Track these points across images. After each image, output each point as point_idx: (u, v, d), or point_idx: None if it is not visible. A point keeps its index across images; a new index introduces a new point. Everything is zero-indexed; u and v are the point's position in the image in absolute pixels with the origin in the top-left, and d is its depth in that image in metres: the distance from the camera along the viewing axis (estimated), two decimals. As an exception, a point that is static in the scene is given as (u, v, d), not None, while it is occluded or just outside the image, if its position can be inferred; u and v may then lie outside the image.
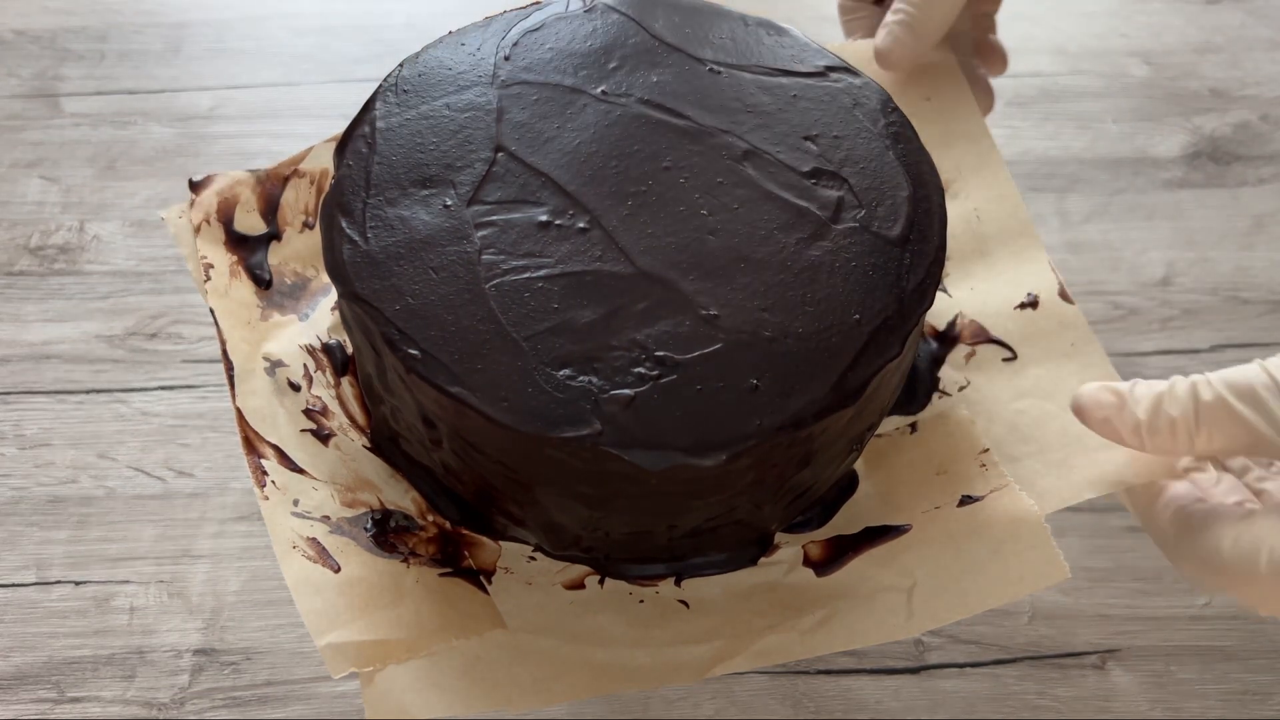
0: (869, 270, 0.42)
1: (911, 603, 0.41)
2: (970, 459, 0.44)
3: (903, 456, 0.46)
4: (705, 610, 0.43)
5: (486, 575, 0.43)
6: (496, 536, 0.45)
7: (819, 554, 0.44)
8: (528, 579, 0.43)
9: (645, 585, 0.44)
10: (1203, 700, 0.51)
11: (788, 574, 0.44)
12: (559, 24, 0.48)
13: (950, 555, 0.41)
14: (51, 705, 0.50)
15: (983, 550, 0.41)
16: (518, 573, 0.44)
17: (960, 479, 0.44)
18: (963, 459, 0.45)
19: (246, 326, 0.46)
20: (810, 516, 0.45)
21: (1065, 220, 0.67)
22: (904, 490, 0.45)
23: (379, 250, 0.41)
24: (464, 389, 0.39)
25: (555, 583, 0.43)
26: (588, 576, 0.44)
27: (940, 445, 0.45)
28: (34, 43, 0.75)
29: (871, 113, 0.46)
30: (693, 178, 0.43)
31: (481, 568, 0.43)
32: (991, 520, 0.42)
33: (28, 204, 0.67)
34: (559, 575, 0.44)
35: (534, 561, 0.44)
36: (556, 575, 0.44)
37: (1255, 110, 0.73)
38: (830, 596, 0.42)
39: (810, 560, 0.44)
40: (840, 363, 0.40)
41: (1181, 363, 0.61)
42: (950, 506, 0.43)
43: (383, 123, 0.45)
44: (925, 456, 0.45)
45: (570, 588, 0.43)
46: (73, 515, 0.55)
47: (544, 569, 0.44)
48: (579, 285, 0.40)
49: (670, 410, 0.38)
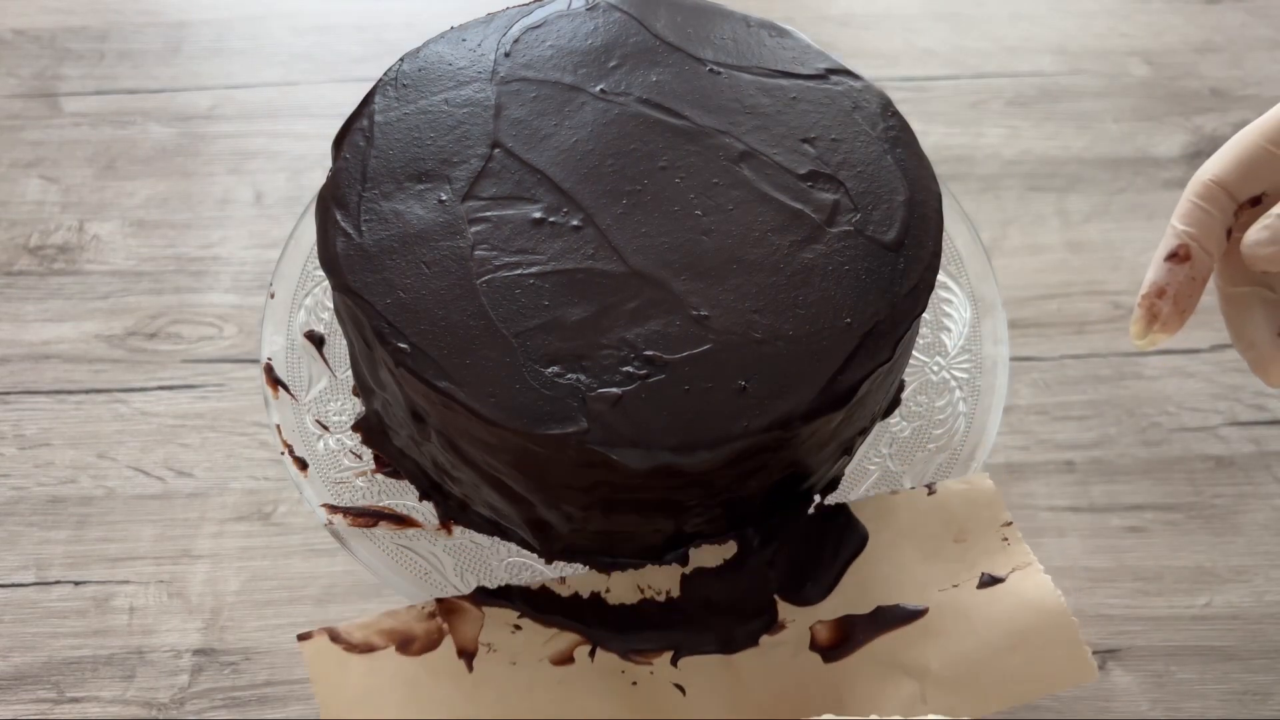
0: (862, 274, 0.42)
1: (925, 696, 0.39)
2: (992, 530, 0.43)
3: (919, 518, 0.44)
4: (702, 697, 0.41)
5: (468, 657, 0.42)
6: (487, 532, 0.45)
7: (828, 637, 0.42)
8: (512, 657, 0.42)
9: (639, 662, 0.42)
10: (1203, 700, 0.51)
11: (794, 657, 0.41)
12: (561, 21, 0.48)
13: (969, 645, 0.39)
14: (51, 705, 0.50)
15: (1004, 641, 0.39)
16: (502, 649, 0.42)
17: (980, 551, 0.42)
18: (984, 529, 0.43)
19: None
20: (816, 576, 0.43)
21: (1065, 220, 0.67)
22: (919, 556, 0.43)
23: (372, 243, 0.41)
24: (452, 384, 0.39)
25: (542, 657, 0.42)
26: (577, 647, 0.42)
27: (961, 513, 0.44)
28: (34, 42, 0.75)
29: (871, 116, 0.46)
30: (688, 178, 0.43)
31: (463, 646, 0.42)
32: (1014, 607, 0.40)
33: (27, 204, 0.67)
34: (546, 648, 0.42)
35: (518, 632, 0.42)
36: (543, 648, 0.42)
37: (1256, 110, 0.73)
38: (838, 685, 0.40)
39: (818, 644, 0.41)
40: (830, 366, 0.40)
41: (1181, 362, 0.61)
42: (970, 585, 0.41)
43: (381, 117, 0.45)
44: (944, 521, 0.43)
45: (558, 663, 0.42)
46: (72, 515, 0.55)
47: (529, 641, 0.42)
48: (570, 283, 0.40)
49: (657, 410, 0.38)
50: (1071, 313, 0.63)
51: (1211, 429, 0.59)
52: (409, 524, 0.46)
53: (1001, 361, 0.50)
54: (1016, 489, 0.57)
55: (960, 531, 0.43)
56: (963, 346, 0.51)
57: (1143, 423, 0.59)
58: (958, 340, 0.51)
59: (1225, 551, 0.55)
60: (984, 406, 0.49)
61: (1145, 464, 0.58)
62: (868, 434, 0.47)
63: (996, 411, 0.49)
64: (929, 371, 0.50)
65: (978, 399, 0.49)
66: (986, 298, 0.52)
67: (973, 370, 0.50)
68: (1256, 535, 0.55)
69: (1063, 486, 0.57)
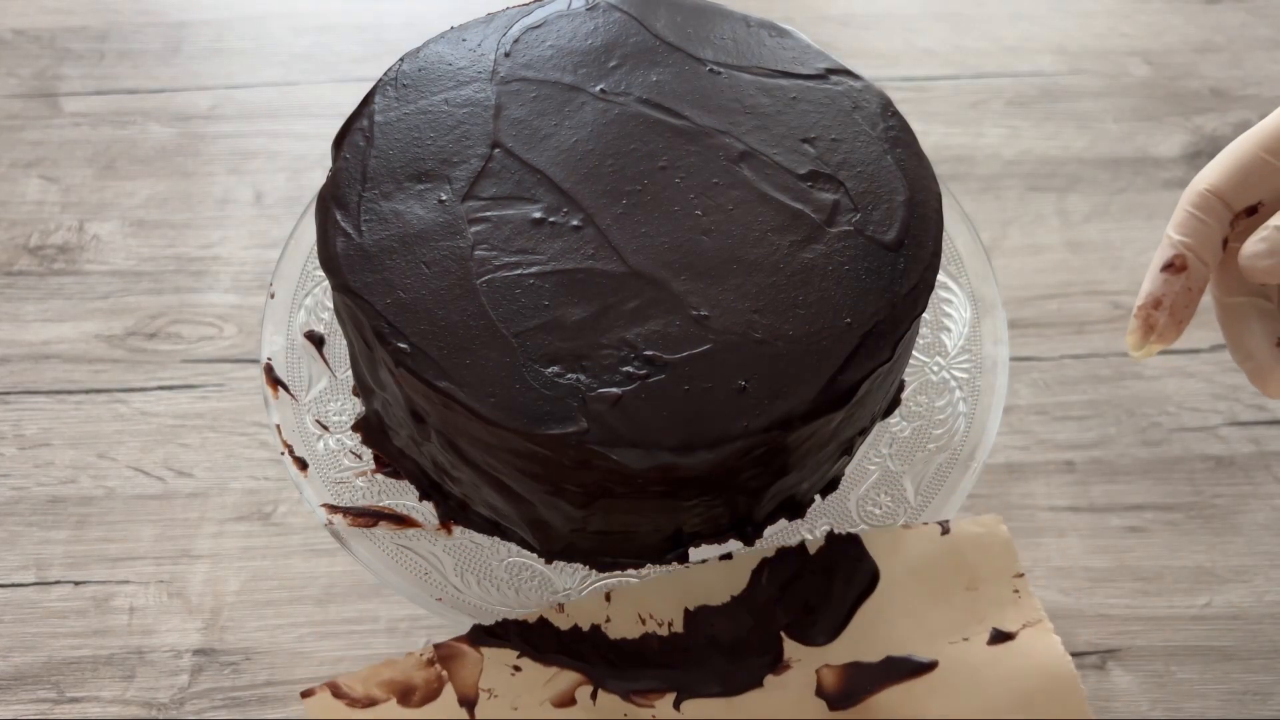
0: (862, 274, 0.42)
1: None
2: (1004, 580, 0.42)
3: (930, 559, 0.43)
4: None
5: (469, 706, 0.41)
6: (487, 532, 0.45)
7: (834, 684, 0.41)
8: (514, 701, 0.41)
9: (641, 704, 0.41)
10: (1203, 700, 0.51)
11: (799, 702, 0.41)
12: (561, 21, 0.48)
13: (975, 705, 0.39)
14: (51, 705, 0.50)
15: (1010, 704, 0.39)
16: (503, 694, 0.41)
17: (991, 602, 0.42)
18: (996, 578, 0.42)
19: None
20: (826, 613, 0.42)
21: (1065, 220, 0.67)
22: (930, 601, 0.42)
23: (372, 243, 0.41)
24: (451, 384, 0.39)
25: (543, 700, 0.41)
26: (579, 688, 0.41)
27: (974, 558, 0.43)
28: (34, 42, 0.75)
29: (871, 116, 0.46)
30: (688, 178, 0.43)
31: (463, 694, 0.41)
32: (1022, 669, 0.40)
33: (27, 204, 0.67)
34: (546, 689, 0.41)
35: (518, 674, 0.42)
36: (544, 689, 0.41)
37: (1256, 110, 0.73)
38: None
39: (824, 690, 0.41)
40: (830, 366, 0.40)
41: (1181, 362, 0.61)
42: (980, 640, 0.41)
43: (381, 117, 0.45)
44: (956, 566, 0.43)
45: (560, 705, 0.41)
46: (72, 515, 0.55)
47: (530, 683, 0.41)
48: (570, 283, 0.40)
49: (657, 410, 0.38)
50: (1071, 313, 0.63)
51: (1211, 429, 0.59)
52: (409, 524, 0.46)
53: (1001, 361, 0.50)
54: (1016, 489, 0.57)
55: (972, 579, 0.42)
56: (963, 346, 0.51)
57: (1143, 423, 0.59)
58: (958, 340, 0.51)
59: (1225, 551, 0.55)
60: (984, 406, 0.49)
61: (1145, 464, 0.58)
62: (868, 434, 0.47)
63: (996, 411, 0.49)
64: (929, 371, 0.50)
65: (978, 399, 0.49)
66: (986, 298, 0.52)
67: (973, 370, 0.50)
68: (1256, 535, 0.55)
69: (1063, 486, 0.57)
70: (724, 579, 0.43)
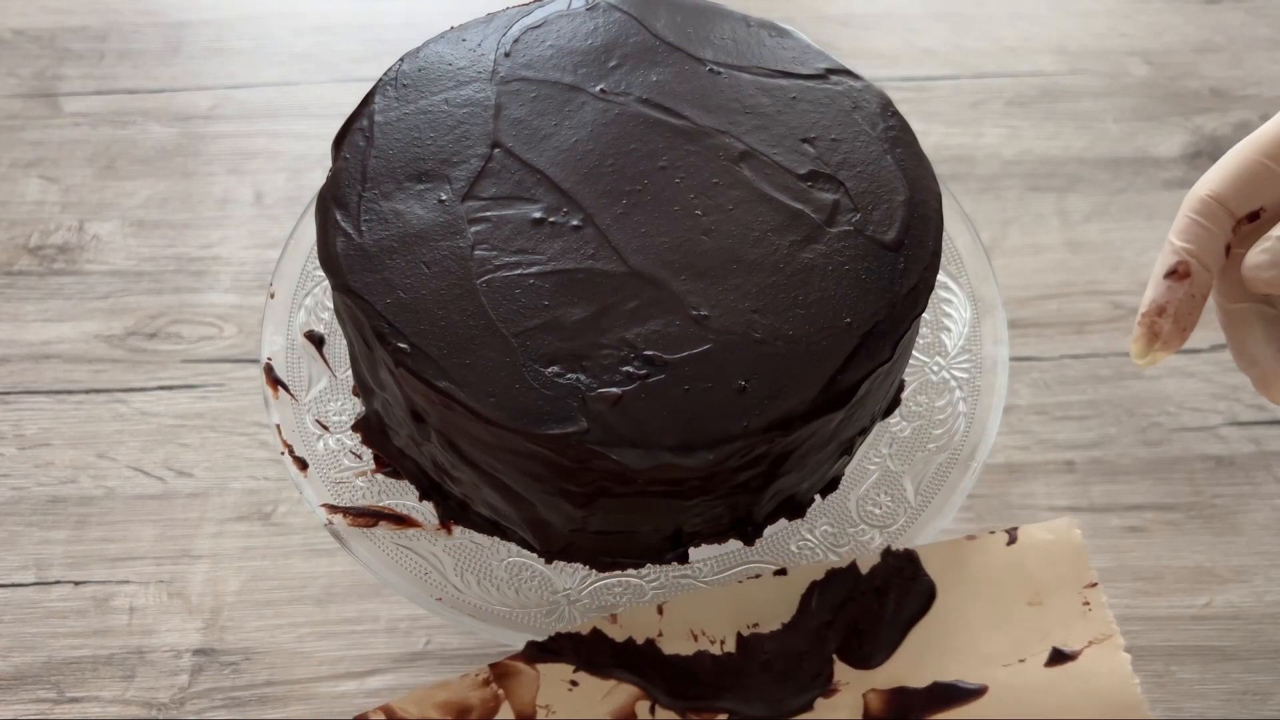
0: (862, 274, 0.42)
1: None
2: (1073, 591, 0.40)
3: (993, 575, 0.41)
4: None
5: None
6: (487, 533, 0.45)
7: (880, 709, 0.40)
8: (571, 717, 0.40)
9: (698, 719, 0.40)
10: (1203, 700, 0.51)
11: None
12: (561, 21, 0.48)
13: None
14: (51, 705, 0.50)
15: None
16: (561, 710, 0.40)
17: (1056, 618, 0.40)
18: (1064, 590, 0.40)
19: None
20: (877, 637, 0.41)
21: (1065, 220, 0.67)
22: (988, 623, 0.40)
23: (372, 243, 0.41)
24: (451, 384, 0.39)
25: (602, 715, 0.40)
26: (638, 702, 0.40)
27: (1040, 571, 0.41)
28: (34, 42, 0.75)
29: (871, 116, 0.46)
30: (688, 178, 0.43)
31: (521, 712, 0.40)
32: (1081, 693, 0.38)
33: (27, 204, 0.67)
34: (604, 704, 0.40)
35: (575, 688, 0.40)
36: (602, 704, 0.40)
37: (1256, 110, 0.73)
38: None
39: (870, 715, 0.40)
40: (830, 365, 0.40)
41: (1182, 362, 0.61)
42: (1037, 661, 0.39)
43: (381, 117, 0.45)
44: (1020, 580, 0.41)
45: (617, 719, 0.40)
46: (72, 515, 0.55)
47: (588, 698, 0.40)
48: (570, 283, 0.41)
49: (657, 410, 0.38)
50: (1071, 313, 0.63)
51: (1211, 429, 0.59)
52: (409, 524, 0.46)
53: (1001, 361, 0.50)
54: (1016, 489, 0.57)
55: (1036, 594, 0.41)
56: (963, 346, 0.51)
57: (1143, 423, 0.59)
58: (958, 340, 0.51)
59: (1225, 551, 0.55)
60: (984, 406, 0.49)
61: (1145, 464, 0.58)
62: (868, 434, 0.47)
63: (996, 411, 0.49)
64: (929, 371, 0.50)
65: (978, 399, 0.49)
66: (986, 298, 0.52)
67: (973, 370, 0.50)
68: (1256, 535, 0.55)
69: (1063, 486, 0.57)
70: (776, 597, 0.42)
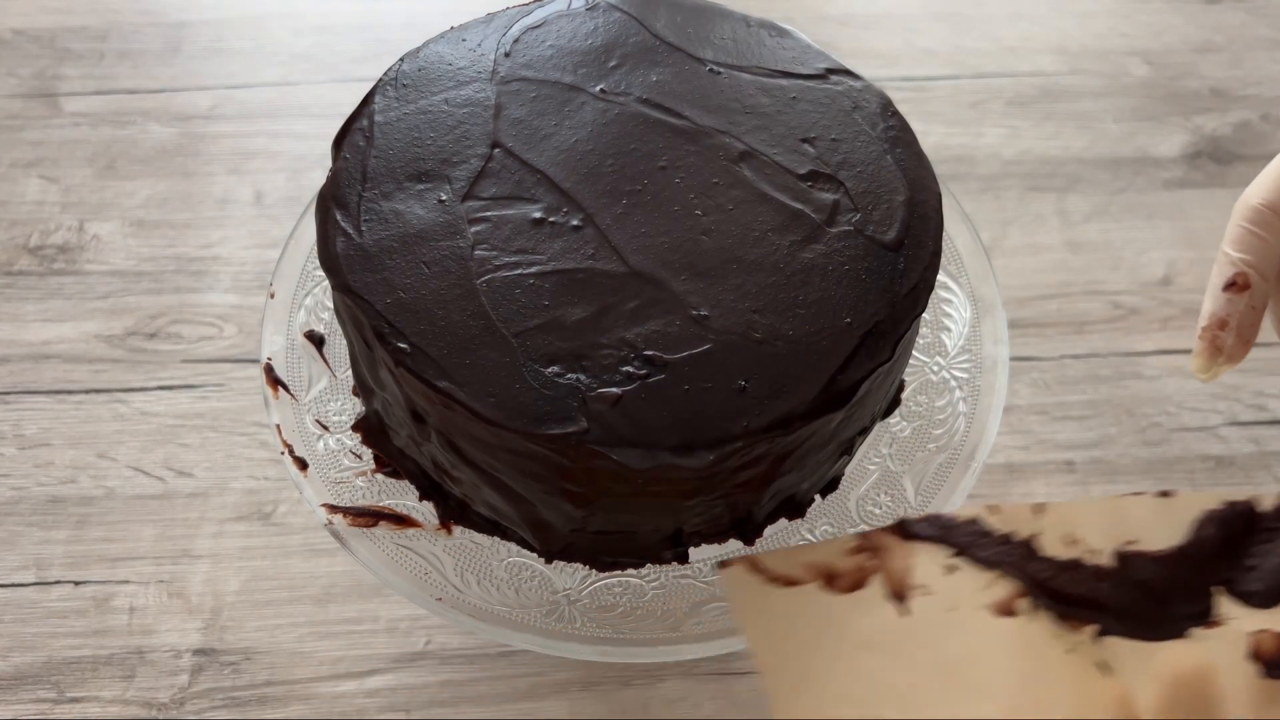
0: (862, 274, 0.42)
1: None
2: None
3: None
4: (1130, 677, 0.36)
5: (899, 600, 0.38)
6: (487, 532, 0.45)
7: (1274, 650, 0.37)
8: (950, 603, 0.37)
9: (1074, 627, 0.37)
10: (1202, 700, 0.51)
11: (1225, 663, 0.36)
12: (561, 21, 0.48)
13: None
14: (51, 705, 0.50)
15: None
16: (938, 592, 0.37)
17: None
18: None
19: None
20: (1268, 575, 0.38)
21: (1065, 220, 0.67)
22: None
23: (372, 243, 0.41)
24: (452, 384, 0.39)
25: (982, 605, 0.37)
26: (1019, 599, 0.38)
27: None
28: (34, 42, 0.75)
29: (870, 116, 0.46)
30: (688, 178, 0.43)
31: (894, 587, 0.38)
32: None
33: (27, 204, 0.67)
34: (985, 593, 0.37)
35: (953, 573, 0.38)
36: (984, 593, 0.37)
37: (1256, 110, 0.73)
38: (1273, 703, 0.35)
39: (1262, 655, 0.36)
40: (830, 365, 0.40)
41: (1182, 362, 0.61)
42: None
43: (381, 117, 0.45)
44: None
45: (999, 613, 0.37)
46: (72, 515, 0.55)
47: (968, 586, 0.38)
48: (570, 283, 0.41)
49: (657, 410, 0.38)
50: (1071, 313, 0.63)
51: (1211, 429, 0.59)
52: (409, 524, 0.46)
53: (1001, 361, 0.50)
54: (1016, 489, 0.57)
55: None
56: (963, 346, 0.51)
57: (1143, 423, 0.59)
58: (958, 340, 0.51)
59: (1225, 551, 0.55)
60: (984, 406, 0.49)
61: (1145, 464, 0.58)
62: (868, 434, 0.47)
63: (996, 411, 0.49)
64: (929, 371, 0.50)
65: (978, 399, 0.49)
66: (986, 298, 0.52)
67: (973, 370, 0.50)
68: (1256, 535, 0.55)
69: (1063, 486, 0.57)
70: (1158, 520, 0.39)
